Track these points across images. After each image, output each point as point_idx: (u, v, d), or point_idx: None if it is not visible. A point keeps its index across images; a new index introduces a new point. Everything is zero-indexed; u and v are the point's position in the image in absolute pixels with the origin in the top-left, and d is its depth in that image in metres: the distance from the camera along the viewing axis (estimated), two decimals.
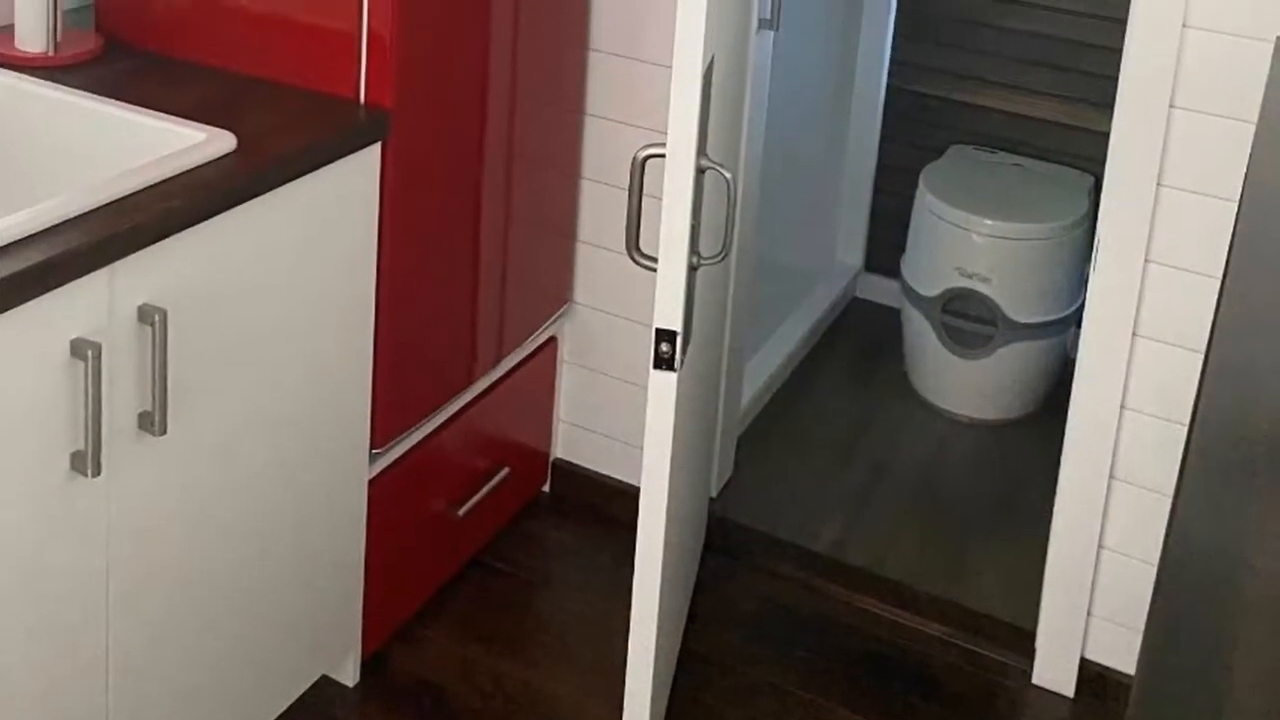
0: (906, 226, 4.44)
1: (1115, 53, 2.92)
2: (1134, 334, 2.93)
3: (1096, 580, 3.08)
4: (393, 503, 3.01)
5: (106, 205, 2.23)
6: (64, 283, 2.09)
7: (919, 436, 4.21)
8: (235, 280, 2.44)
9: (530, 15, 3.13)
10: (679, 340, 2.43)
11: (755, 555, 3.57)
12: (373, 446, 2.91)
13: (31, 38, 2.77)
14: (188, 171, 2.37)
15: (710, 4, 2.31)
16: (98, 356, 2.13)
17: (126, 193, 2.26)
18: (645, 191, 2.57)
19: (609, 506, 3.62)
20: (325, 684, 2.98)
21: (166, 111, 2.57)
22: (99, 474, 2.20)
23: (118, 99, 2.61)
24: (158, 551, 2.40)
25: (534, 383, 3.53)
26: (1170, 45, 2.75)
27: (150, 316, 2.23)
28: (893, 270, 4.59)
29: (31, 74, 2.71)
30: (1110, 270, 2.92)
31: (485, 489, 3.29)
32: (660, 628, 2.64)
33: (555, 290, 3.51)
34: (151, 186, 2.30)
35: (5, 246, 2.07)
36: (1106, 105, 3.03)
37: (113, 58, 2.88)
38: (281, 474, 2.66)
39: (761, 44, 3.43)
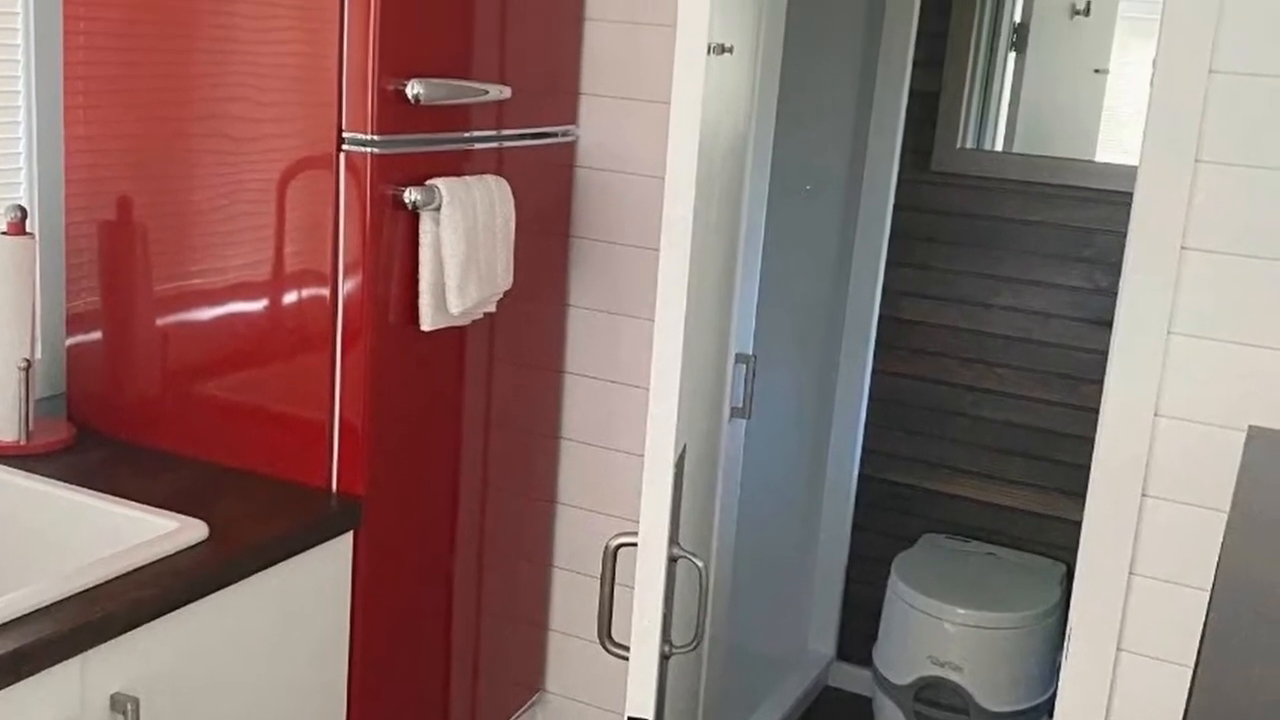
0: (879, 615, 4.43)
1: (1088, 441, 2.96)
2: None
3: None
4: None
5: (78, 594, 2.21)
6: (36, 671, 2.07)
7: None
8: (208, 668, 2.42)
9: (502, 405, 3.17)
10: None
11: None
12: None
13: (4, 426, 2.80)
14: (160, 560, 2.37)
15: (683, 394, 2.34)
16: None
17: (98, 581, 2.25)
18: (617, 580, 2.57)
19: None
20: None
21: (138, 500, 2.58)
22: None
23: (90, 488, 2.63)
24: None
25: None
26: (1142, 434, 2.78)
27: (123, 705, 2.20)
28: (865, 659, 4.57)
29: (4, 463, 2.73)
30: (1082, 658, 2.91)
31: None
32: None
33: (527, 679, 3.48)
34: (123, 575, 2.30)
35: None
36: (1079, 494, 3.07)
37: (85, 446, 2.90)
38: None
39: (734, 432, 3.47)
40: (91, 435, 2.97)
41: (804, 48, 4.40)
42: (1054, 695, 3.37)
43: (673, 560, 2.44)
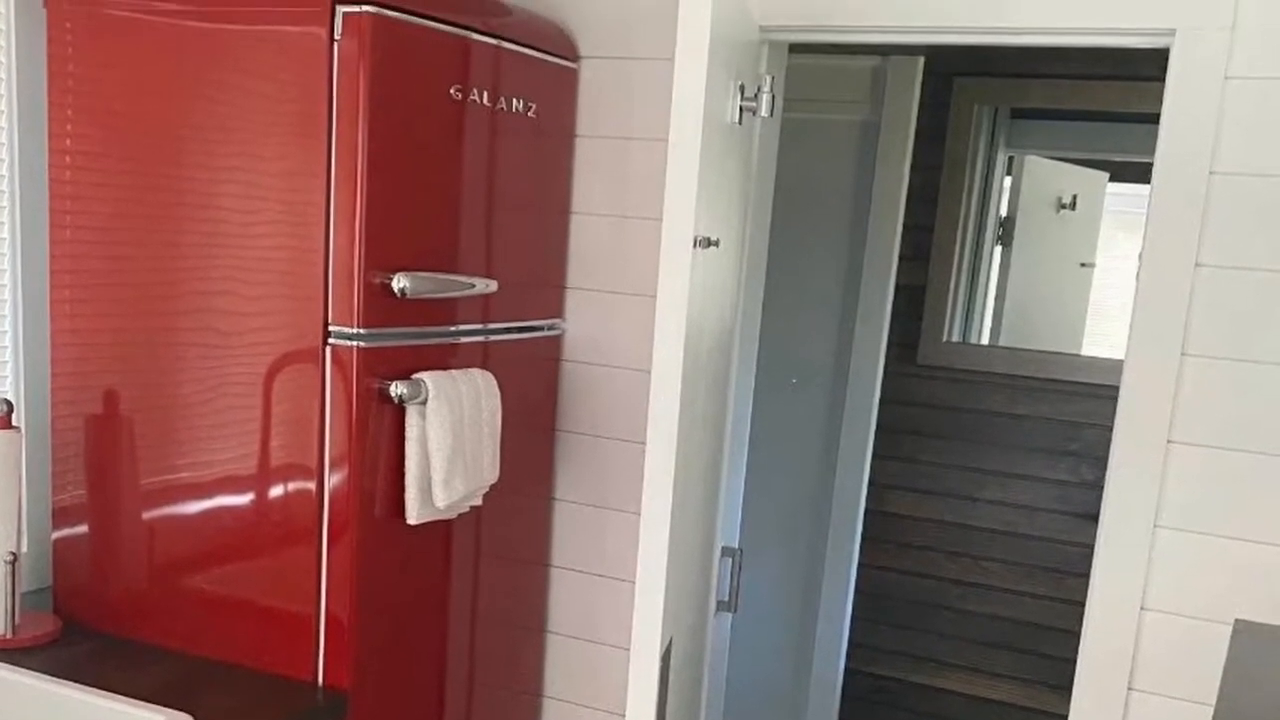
0: None
1: (1074, 635, 2.95)
2: None
3: None
4: None
5: None
6: None
7: None
8: None
9: (488, 598, 3.16)
10: None
11: None
12: None
13: None
14: None
15: (669, 588, 2.34)
16: None
17: None
18: None
19: None
20: None
21: (124, 694, 2.56)
22: None
23: (76, 681, 2.60)
24: None
25: None
26: (1128, 627, 2.77)
27: None
28: None
29: None
30: None
31: None
32: None
33: None
34: None
35: None
36: (1065, 687, 3.05)
37: (71, 640, 2.88)
38: None
39: (720, 626, 3.46)
40: (78, 628, 2.95)
41: (790, 241, 4.45)
42: None
43: None
